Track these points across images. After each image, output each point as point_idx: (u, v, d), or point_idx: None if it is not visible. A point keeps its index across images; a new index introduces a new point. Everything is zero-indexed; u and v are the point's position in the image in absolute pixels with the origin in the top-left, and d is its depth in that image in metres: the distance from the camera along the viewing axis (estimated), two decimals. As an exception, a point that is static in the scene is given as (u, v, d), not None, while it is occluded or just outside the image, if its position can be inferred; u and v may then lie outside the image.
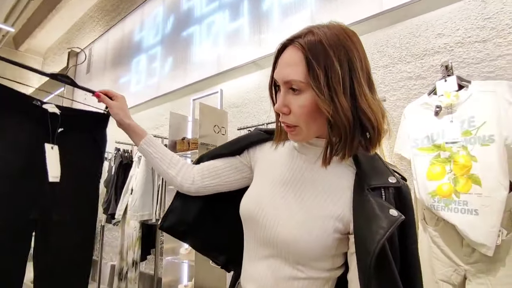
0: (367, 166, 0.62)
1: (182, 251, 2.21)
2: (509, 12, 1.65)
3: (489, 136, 1.14)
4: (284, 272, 0.61)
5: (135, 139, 0.89)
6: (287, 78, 0.57)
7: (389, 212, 0.53)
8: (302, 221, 0.60)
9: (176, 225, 0.86)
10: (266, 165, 0.75)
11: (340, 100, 0.54)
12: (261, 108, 2.68)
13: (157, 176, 2.60)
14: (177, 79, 3.07)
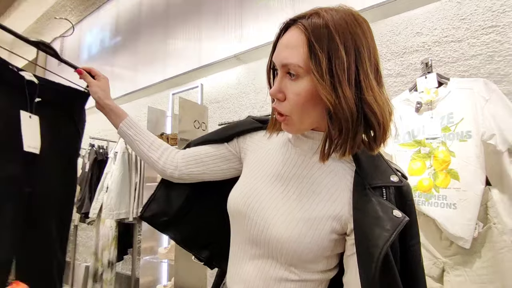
0: (368, 163, 0.58)
1: (161, 250, 2.14)
2: (481, 13, 1.71)
3: (466, 132, 1.17)
4: (274, 273, 0.57)
5: (114, 121, 0.82)
6: (284, 61, 0.52)
7: (392, 213, 0.50)
8: (297, 220, 0.55)
9: (158, 216, 0.81)
10: (257, 157, 0.70)
11: (343, 89, 0.48)
12: (242, 103, 2.64)
13: (135, 173, 2.51)
14: (156, 73, 2.97)
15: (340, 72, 0.48)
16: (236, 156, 0.76)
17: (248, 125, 0.75)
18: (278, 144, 0.69)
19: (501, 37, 1.64)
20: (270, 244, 0.57)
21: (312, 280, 0.58)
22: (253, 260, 0.60)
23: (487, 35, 1.68)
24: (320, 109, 0.54)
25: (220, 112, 2.76)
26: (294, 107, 0.54)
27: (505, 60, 1.61)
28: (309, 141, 0.63)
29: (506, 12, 1.65)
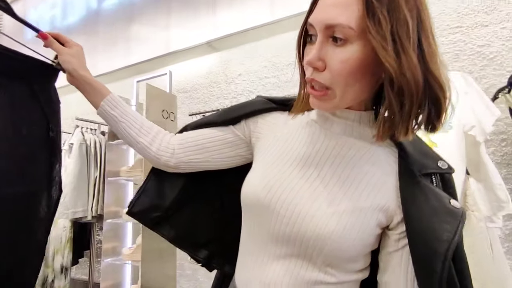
0: (412, 147, 0.52)
1: (125, 250, 1.96)
2: (449, 14, 1.80)
3: (448, 123, 1.20)
4: (307, 276, 0.49)
5: (93, 98, 0.67)
6: (331, 21, 0.43)
7: (450, 203, 0.45)
8: (340, 212, 0.47)
9: (148, 210, 0.69)
10: (276, 140, 0.59)
11: (408, 55, 0.41)
12: (212, 94, 2.52)
13: (94, 167, 2.27)
14: (117, 58, 2.72)
15: (404, 36, 0.41)
16: (245, 141, 0.66)
17: (260, 105, 0.65)
18: (300, 125, 0.59)
19: (465, 37, 1.74)
20: (306, 242, 0.48)
21: (349, 281, 0.51)
22: (279, 261, 0.51)
23: (453, 35, 1.77)
24: (367, 81, 0.47)
25: (188, 103, 2.61)
26: (337, 77, 0.45)
27: (469, 59, 1.72)
28: (342, 121, 0.54)
29: (469, 14, 1.75)
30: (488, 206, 1.23)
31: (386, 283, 0.51)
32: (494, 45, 1.64)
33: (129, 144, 0.69)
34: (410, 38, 0.41)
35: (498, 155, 1.58)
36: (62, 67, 0.71)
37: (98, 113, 0.68)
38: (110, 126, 0.68)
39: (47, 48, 0.70)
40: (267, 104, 0.65)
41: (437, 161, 0.50)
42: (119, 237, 2.17)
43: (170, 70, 2.25)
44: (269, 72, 2.28)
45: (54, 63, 0.72)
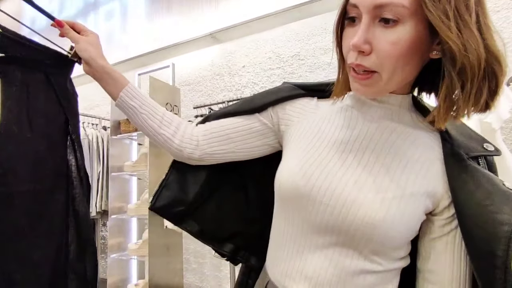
0: (455, 130, 0.49)
1: (131, 246, 1.94)
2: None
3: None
4: (353, 265, 0.47)
5: (111, 89, 0.64)
6: (381, 0, 0.40)
7: (505, 185, 0.42)
8: (390, 199, 0.45)
9: (172, 205, 0.66)
10: (310, 125, 0.57)
11: (471, 30, 0.38)
12: (216, 86, 2.48)
13: (97, 162, 2.23)
14: (118, 51, 2.66)
15: (463, 10, 0.38)
16: (272, 129, 0.63)
17: (287, 92, 0.62)
18: (335, 111, 0.56)
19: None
20: (353, 231, 0.46)
21: (393, 269, 0.49)
22: (322, 251, 0.49)
23: (463, 22, 1.74)
24: (415, 63, 0.44)
25: (191, 95, 2.57)
26: (387, 60, 0.42)
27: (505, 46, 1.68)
28: (381, 105, 0.52)
29: (479, 0, 1.71)
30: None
31: (430, 271, 0.48)
32: (506, 31, 1.61)
33: (149, 136, 0.65)
34: (471, 10, 0.38)
35: (508, 143, 1.56)
36: (78, 58, 0.67)
37: (116, 105, 0.64)
38: (129, 117, 0.65)
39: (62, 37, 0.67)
40: (294, 90, 0.62)
41: (483, 143, 0.48)
42: (124, 232, 2.15)
43: (172, 62, 2.21)
44: (273, 63, 2.24)
45: (70, 54, 0.68)
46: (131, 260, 2.09)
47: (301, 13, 2.01)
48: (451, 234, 0.47)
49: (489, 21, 0.41)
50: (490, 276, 0.41)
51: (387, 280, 0.49)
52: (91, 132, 2.33)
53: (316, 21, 2.09)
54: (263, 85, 2.26)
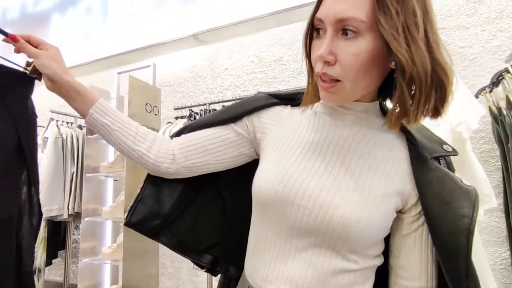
0: (418, 133, 0.54)
1: (104, 250, 1.87)
2: (432, 15, 1.85)
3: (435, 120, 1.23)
4: (332, 265, 0.49)
5: (80, 105, 0.60)
6: (342, 15, 0.44)
7: (463, 182, 0.47)
8: (364, 200, 0.48)
9: (148, 219, 0.65)
10: (285, 133, 0.59)
11: (418, 45, 0.43)
12: (198, 88, 2.46)
13: (70, 162, 2.14)
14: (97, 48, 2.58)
15: (412, 27, 0.43)
16: (248, 138, 0.64)
17: (262, 101, 0.64)
18: (308, 117, 0.59)
19: (447, 38, 1.80)
20: (332, 231, 0.48)
21: (369, 268, 0.51)
22: (301, 254, 0.50)
23: (437, 35, 1.83)
24: (376, 73, 0.48)
25: (172, 96, 2.54)
26: (349, 70, 0.46)
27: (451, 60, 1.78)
28: (351, 113, 0.55)
29: (452, 16, 1.80)
30: (471, 201, 1.27)
31: (401, 267, 0.52)
32: (474, 47, 1.70)
33: (124, 153, 0.63)
34: (419, 28, 0.43)
35: (476, 152, 1.65)
36: (37, 74, 0.62)
37: (86, 122, 0.62)
38: (101, 135, 0.62)
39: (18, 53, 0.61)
40: (269, 99, 0.64)
41: (442, 145, 0.54)
42: (97, 236, 2.07)
43: (154, 62, 2.17)
44: (256, 67, 2.25)
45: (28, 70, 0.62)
46: (104, 265, 2.02)
47: (285, 19, 2.04)
48: (419, 231, 0.51)
49: (438, 38, 0.46)
50: (455, 267, 0.46)
51: (364, 279, 0.51)
52: (66, 130, 2.23)
53: (299, 27, 2.13)
54: (245, 88, 2.26)
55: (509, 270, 1.52)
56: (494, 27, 1.67)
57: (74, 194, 2.11)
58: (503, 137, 1.31)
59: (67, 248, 2.31)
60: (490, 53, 1.67)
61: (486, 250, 1.57)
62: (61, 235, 2.33)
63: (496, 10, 1.68)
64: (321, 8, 0.47)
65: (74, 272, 2.55)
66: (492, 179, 1.60)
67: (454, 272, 0.46)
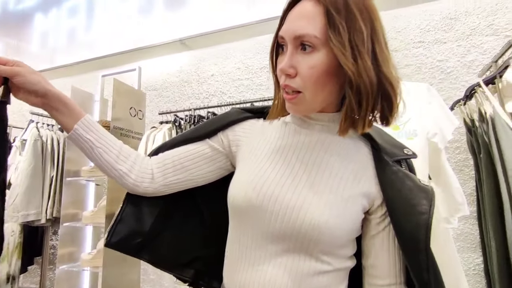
0: (381, 139, 0.58)
1: (84, 256, 1.82)
2: (412, 29, 1.93)
3: (413, 131, 1.28)
4: (306, 267, 0.51)
5: (66, 119, 0.59)
6: (299, 31, 0.48)
7: (421, 182, 0.52)
8: (331, 202, 0.51)
9: (129, 238, 0.65)
10: (257, 145, 0.62)
11: (364, 60, 0.47)
12: (184, 93, 2.46)
13: (50, 166, 2.08)
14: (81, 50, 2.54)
15: (360, 43, 0.47)
16: (223, 153, 0.66)
17: (235, 116, 0.67)
18: (279, 128, 0.63)
19: (426, 51, 1.88)
20: (303, 234, 0.50)
21: (342, 269, 0.54)
22: (276, 260, 0.52)
23: (416, 49, 1.91)
24: (333, 84, 0.52)
25: (158, 101, 2.52)
26: (308, 82, 0.50)
27: (429, 72, 1.85)
28: (318, 123, 0.59)
29: (430, 31, 1.89)
30: (446, 208, 1.33)
31: (372, 266, 0.55)
32: (451, 61, 1.79)
33: (104, 171, 0.63)
34: (365, 44, 0.48)
35: (452, 161, 1.72)
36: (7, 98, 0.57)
37: (69, 137, 0.60)
38: (83, 151, 0.61)
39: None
40: (242, 114, 0.67)
41: (403, 149, 0.58)
42: (76, 241, 2.02)
43: (139, 66, 2.15)
44: (242, 74, 2.28)
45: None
46: (83, 272, 1.97)
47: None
48: (386, 230, 0.54)
49: (385, 53, 0.50)
50: (417, 260, 0.49)
51: (338, 281, 0.54)
52: (46, 133, 2.18)
53: (285, 37, 2.17)
54: (231, 94, 2.28)
55: (481, 275, 1.58)
56: (468, 42, 1.76)
57: (53, 199, 2.05)
58: (476, 147, 1.37)
59: (44, 254, 2.23)
60: (465, 67, 1.75)
61: (460, 256, 1.63)
62: (37, 241, 2.25)
63: (470, 27, 1.77)
64: (283, 27, 0.52)
65: (50, 280, 2.47)
66: (467, 188, 1.67)
67: (416, 265, 0.49)
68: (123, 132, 1.87)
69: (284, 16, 0.53)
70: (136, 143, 1.92)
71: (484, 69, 1.57)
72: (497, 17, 1.72)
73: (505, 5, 1.72)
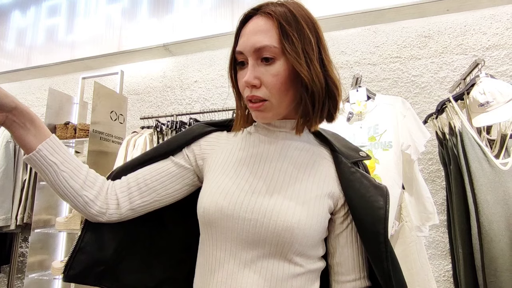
0: (337, 142, 0.63)
1: (55, 264, 1.75)
2: (390, 45, 2.03)
3: (388, 142, 1.34)
4: (280, 272, 0.52)
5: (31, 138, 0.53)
6: (259, 44, 0.52)
7: (376, 181, 0.56)
8: (300, 204, 0.54)
9: (89, 268, 0.59)
10: (224, 156, 0.63)
11: (314, 65, 0.53)
12: (166, 98, 2.44)
13: (22, 169, 2.00)
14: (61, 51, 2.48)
15: (310, 50, 0.53)
16: (189, 169, 0.65)
17: (199, 130, 0.67)
18: (243, 138, 0.65)
19: (402, 66, 1.98)
20: (277, 236, 0.51)
21: (314, 270, 0.56)
22: (251, 267, 0.52)
23: (393, 64, 2.00)
24: (294, 90, 0.56)
25: (139, 105, 2.49)
26: (273, 89, 0.54)
27: (405, 86, 1.95)
28: (280, 130, 0.63)
29: (406, 47, 1.99)
30: (417, 217, 1.39)
31: (338, 264, 0.58)
32: (425, 76, 1.89)
33: (66, 197, 0.57)
34: (314, 51, 0.53)
35: (425, 172, 1.80)
36: None
37: (28, 159, 0.54)
38: (44, 174, 0.55)
39: None
40: (206, 128, 0.68)
41: (358, 151, 0.63)
42: (48, 249, 1.93)
43: (121, 69, 2.13)
44: (225, 81, 2.29)
45: None
46: (54, 281, 1.89)
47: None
48: (348, 228, 0.58)
49: (329, 58, 0.56)
50: (377, 252, 0.53)
51: (310, 283, 0.55)
52: (19, 135, 2.09)
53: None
54: (214, 101, 2.29)
55: (451, 281, 1.65)
56: (441, 60, 1.87)
57: (24, 204, 1.96)
58: (446, 159, 1.45)
59: (12, 262, 2.12)
60: (437, 83, 1.85)
61: (432, 263, 1.70)
62: (6, 248, 2.14)
63: (442, 45, 1.88)
64: (240, 43, 0.56)
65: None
66: (438, 197, 1.75)
67: (377, 256, 0.53)
68: (103, 136, 1.83)
69: (238, 33, 0.57)
70: (116, 147, 1.89)
71: (454, 85, 1.67)
72: (466, 38, 1.84)
73: (473, 27, 1.84)
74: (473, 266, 1.20)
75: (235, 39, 0.58)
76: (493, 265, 1.12)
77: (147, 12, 2.32)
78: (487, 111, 1.27)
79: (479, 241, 1.17)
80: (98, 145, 1.77)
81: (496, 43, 1.79)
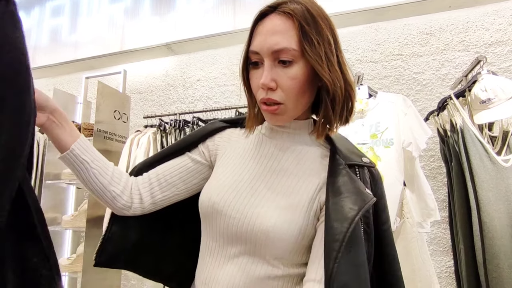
0: (341, 145, 0.61)
1: (62, 261, 1.79)
2: (391, 42, 2.03)
3: (390, 140, 1.35)
4: (257, 271, 0.53)
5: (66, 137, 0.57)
6: (277, 46, 0.50)
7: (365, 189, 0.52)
8: (281, 208, 0.54)
9: (116, 256, 0.67)
10: (230, 154, 0.65)
11: (335, 68, 0.52)
12: (169, 97, 2.46)
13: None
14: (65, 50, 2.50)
15: (329, 53, 0.52)
16: (206, 164, 0.68)
17: (214, 126, 0.70)
18: (252, 139, 0.66)
19: (404, 64, 1.98)
20: (254, 237, 0.53)
21: (295, 274, 0.55)
22: (233, 261, 0.55)
23: (395, 61, 2.00)
24: (310, 93, 0.55)
25: (142, 104, 2.51)
26: (290, 93, 0.53)
27: (407, 84, 1.95)
28: (285, 130, 0.62)
29: (408, 44, 1.99)
30: (419, 214, 1.40)
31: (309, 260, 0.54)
32: (426, 73, 1.89)
33: (95, 192, 0.62)
34: (333, 53, 0.52)
35: (427, 169, 1.81)
36: None
37: (63, 157, 0.58)
38: (76, 172, 0.60)
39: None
40: (221, 124, 0.70)
41: (361, 157, 0.61)
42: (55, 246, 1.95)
43: (124, 68, 2.15)
44: (228, 80, 2.31)
45: None
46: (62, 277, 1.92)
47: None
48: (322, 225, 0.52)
49: (345, 60, 0.55)
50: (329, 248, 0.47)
51: (290, 285, 0.55)
52: (25, 135, 2.12)
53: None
54: (216, 99, 2.30)
55: (453, 277, 1.66)
56: (442, 57, 1.86)
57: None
58: (448, 156, 1.45)
59: (19, 259, 2.16)
60: (439, 80, 1.85)
61: (433, 259, 1.71)
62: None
63: (443, 42, 1.88)
64: (255, 43, 0.54)
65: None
66: (440, 194, 1.76)
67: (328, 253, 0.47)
68: (107, 135, 1.85)
69: (252, 31, 0.55)
70: (119, 146, 1.91)
71: (455, 82, 1.67)
72: (468, 34, 1.84)
73: (475, 24, 1.84)
74: (475, 262, 1.21)
75: (249, 37, 0.56)
76: (494, 261, 1.13)
77: (149, 11, 2.34)
78: (488, 108, 1.27)
79: (481, 237, 1.18)
80: (102, 144, 1.80)
81: (499, 39, 1.79)
